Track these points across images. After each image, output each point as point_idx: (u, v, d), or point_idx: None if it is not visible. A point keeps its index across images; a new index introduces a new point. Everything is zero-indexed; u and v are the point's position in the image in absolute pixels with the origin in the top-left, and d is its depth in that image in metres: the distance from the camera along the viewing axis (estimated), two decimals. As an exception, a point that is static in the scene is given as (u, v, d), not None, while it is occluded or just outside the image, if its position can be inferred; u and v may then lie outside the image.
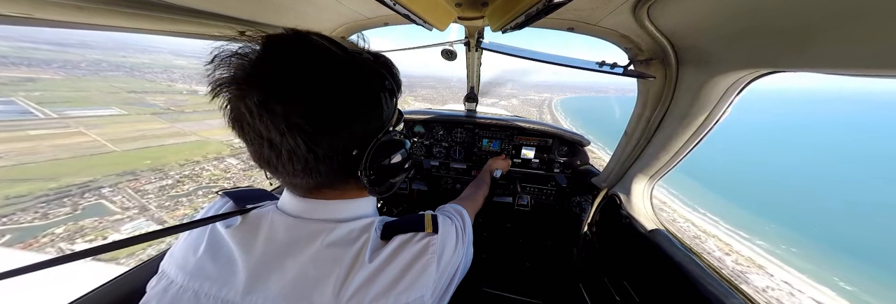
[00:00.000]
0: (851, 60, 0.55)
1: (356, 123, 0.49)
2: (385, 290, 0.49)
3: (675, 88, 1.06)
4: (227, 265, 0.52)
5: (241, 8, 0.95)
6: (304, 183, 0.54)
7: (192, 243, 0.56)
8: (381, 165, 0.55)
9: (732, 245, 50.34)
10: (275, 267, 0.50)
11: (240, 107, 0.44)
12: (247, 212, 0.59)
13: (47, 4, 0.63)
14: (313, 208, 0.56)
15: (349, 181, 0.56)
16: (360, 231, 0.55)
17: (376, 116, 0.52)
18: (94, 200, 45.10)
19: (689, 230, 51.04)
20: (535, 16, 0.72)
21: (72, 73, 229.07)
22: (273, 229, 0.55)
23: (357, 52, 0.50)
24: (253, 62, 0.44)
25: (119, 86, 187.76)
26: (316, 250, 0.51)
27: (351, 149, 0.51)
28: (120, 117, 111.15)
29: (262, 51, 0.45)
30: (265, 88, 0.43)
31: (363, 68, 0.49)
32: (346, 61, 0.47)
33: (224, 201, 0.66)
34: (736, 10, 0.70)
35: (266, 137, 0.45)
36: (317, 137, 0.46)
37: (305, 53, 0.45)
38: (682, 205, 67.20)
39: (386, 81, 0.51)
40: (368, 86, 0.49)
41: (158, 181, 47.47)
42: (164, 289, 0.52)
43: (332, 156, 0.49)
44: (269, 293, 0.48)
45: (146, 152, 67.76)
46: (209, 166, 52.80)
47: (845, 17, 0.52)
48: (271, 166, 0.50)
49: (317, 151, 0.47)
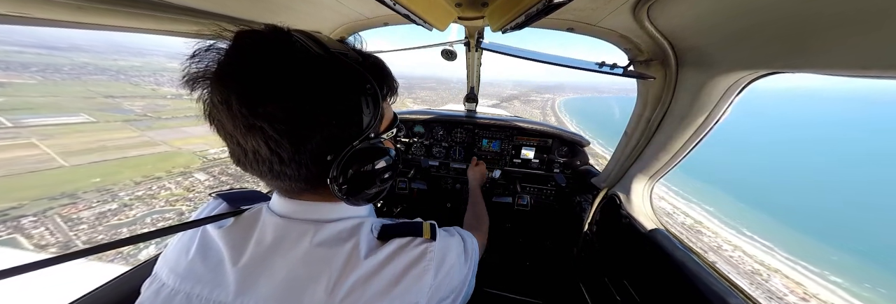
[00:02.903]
0: (851, 60, 0.55)
1: (328, 127, 0.45)
2: (382, 292, 0.48)
3: (674, 88, 1.06)
4: (217, 267, 0.51)
5: (241, 8, 0.95)
6: (278, 185, 0.53)
7: (185, 245, 0.56)
8: (357, 173, 0.49)
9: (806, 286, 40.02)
10: (265, 268, 0.50)
11: (211, 102, 0.44)
12: (240, 213, 0.58)
13: (47, 4, 0.63)
14: (301, 209, 0.55)
15: (327, 187, 0.50)
16: (350, 231, 0.54)
17: (354, 122, 0.48)
18: (7, 234, 36.52)
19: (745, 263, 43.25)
20: (534, 16, 0.72)
21: (50, 77, 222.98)
22: (263, 230, 0.54)
23: (341, 51, 0.47)
24: (222, 57, 0.43)
25: (97, 90, 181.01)
26: (305, 251, 0.50)
27: (324, 154, 0.47)
28: (85, 126, 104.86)
29: (232, 45, 0.43)
30: (228, 84, 0.41)
31: (343, 69, 0.46)
32: (324, 61, 0.44)
33: (217, 202, 0.66)
34: (736, 11, 0.70)
35: (231, 135, 0.45)
36: (278, 140, 0.43)
37: (276, 49, 0.42)
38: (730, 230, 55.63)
39: (368, 85, 0.48)
40: (346, 88, 0.46)
41: (101, 206, 40.09)
42: (156, 292, 0.52)
43: (300, 160, 0.46)
44: (260, 295, 0.47)
45: (101, 166, 61.22)
46: (171, 183, 46.59)
47: (845, 18, 0.52)
48: (242, 165, 0.49)
49: (280, 154, 0.45)
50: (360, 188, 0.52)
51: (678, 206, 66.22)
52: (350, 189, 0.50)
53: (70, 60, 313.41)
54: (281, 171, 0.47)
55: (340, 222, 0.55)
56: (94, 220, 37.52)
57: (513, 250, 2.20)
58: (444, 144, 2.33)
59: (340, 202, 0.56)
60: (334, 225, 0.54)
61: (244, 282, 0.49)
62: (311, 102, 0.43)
